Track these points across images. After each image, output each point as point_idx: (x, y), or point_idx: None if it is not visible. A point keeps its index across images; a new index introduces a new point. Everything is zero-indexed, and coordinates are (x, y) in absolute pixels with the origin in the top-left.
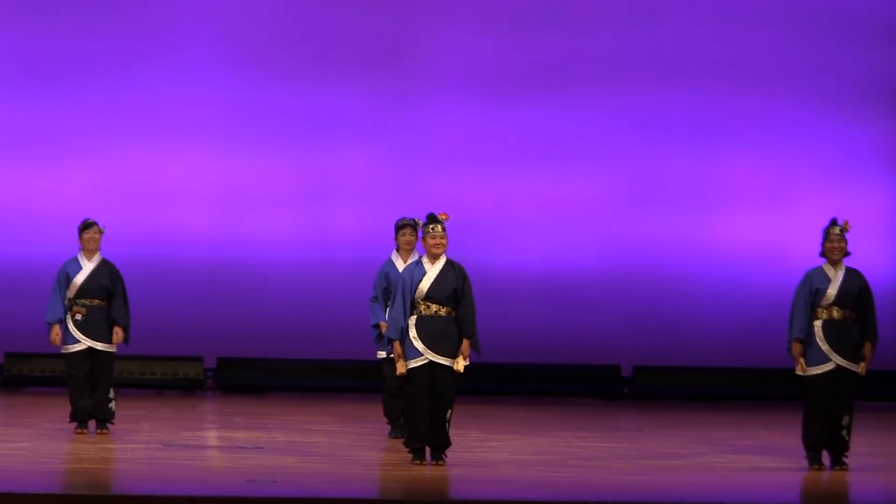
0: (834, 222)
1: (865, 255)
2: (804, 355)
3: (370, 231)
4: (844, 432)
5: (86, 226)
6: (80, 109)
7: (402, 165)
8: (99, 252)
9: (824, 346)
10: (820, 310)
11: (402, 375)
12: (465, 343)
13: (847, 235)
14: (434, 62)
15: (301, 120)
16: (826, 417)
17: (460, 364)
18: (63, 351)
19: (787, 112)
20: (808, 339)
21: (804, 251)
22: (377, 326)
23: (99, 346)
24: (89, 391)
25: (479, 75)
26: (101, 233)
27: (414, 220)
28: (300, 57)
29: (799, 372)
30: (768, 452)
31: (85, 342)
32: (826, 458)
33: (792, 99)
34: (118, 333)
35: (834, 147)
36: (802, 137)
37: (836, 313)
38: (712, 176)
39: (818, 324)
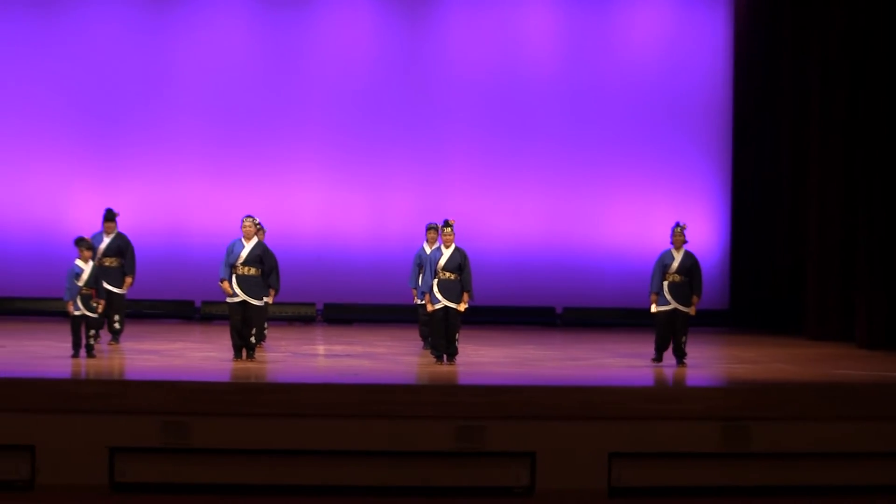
0: (678, 224)
1: (701, 240)
2: (657, 302)
3: (420, 228)
4: (683, 345)
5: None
6: None
7: None
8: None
9: (668, 297)
10: (668, 275)
11: (430, 312)
12: (465, 294)
13: (685, 232)
14: None
15: None
16: (669, 337)
17: (462, 307)
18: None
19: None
20: (660, 293)
21: (662, 239)
22: (413, 288)
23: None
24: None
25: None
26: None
27: (436, 224)
28: None
29: (653, 310)
30: (638, 357)
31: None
32: (673, 360)
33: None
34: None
35: (678, 163)
36: (657, 154)
37: (677, 278)
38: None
39: (666, 284)
